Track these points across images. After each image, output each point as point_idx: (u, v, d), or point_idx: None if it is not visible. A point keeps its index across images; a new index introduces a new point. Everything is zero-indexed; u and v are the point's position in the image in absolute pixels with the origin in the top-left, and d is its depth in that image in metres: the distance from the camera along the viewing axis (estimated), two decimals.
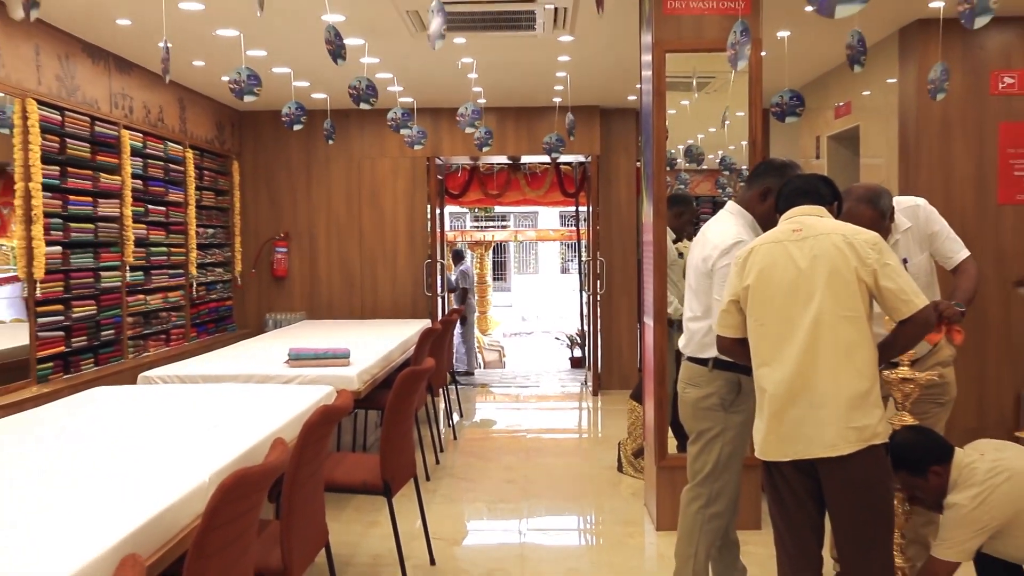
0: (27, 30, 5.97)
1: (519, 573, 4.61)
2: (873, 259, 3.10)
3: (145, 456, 3.29)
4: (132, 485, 2.85)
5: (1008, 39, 6.56)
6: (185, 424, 3.90)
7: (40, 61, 6.14)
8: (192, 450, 3.35)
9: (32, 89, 6.01)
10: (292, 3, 5.75)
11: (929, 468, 3.44)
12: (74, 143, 6.54)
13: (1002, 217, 6.60)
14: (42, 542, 2.30)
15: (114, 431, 3.76)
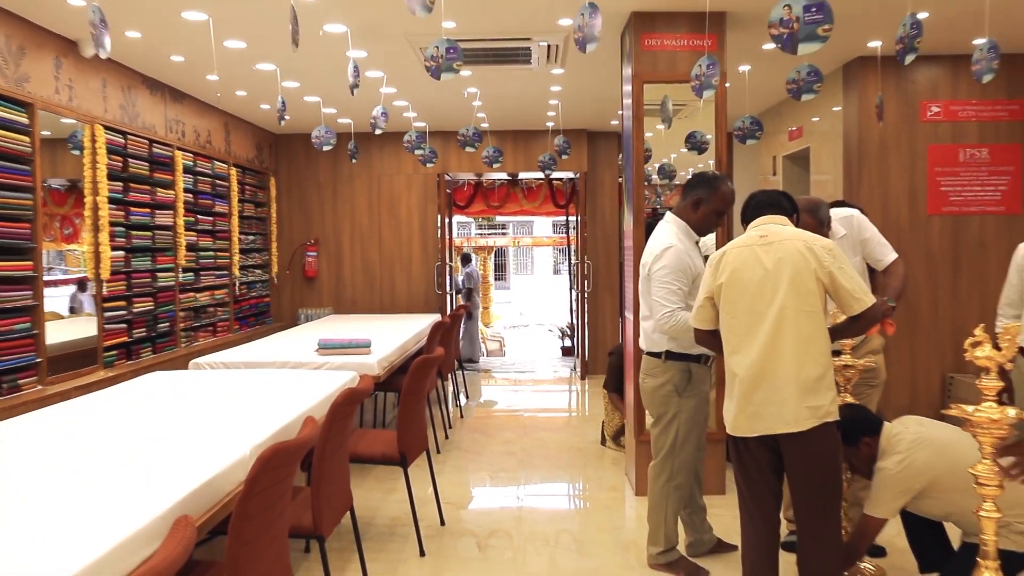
0: (96, 66, 6.04)
1: (517, 532, 4.63)
2: (829, 263, 3.14)
3: (195, 431, 3.32)
4: (184, 457, 2.87)
5: (935, 74, 6.62)
6: (229, 404, 3.92)
7: (106, 92, 6.20)
8: (235, 426, 3.37)
9: (100, 116, 6.07)
10: (321, 41, 5.80)
11: (861, 439, 3.50)
12: (135, 162, 6.59)
13: (931, 226, 6.65)
14: (107, 504, 2.32)
15: (168, 410, 3.79)
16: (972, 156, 6.61)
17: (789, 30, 3.72)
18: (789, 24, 3.71)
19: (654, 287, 3.87)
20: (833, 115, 7.11)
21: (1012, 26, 5.69)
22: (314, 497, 3.18)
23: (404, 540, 4.51)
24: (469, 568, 4.14)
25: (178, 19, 5.33)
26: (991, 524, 2.65)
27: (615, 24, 5.61)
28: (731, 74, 6.71)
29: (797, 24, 3.70)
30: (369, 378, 4.24)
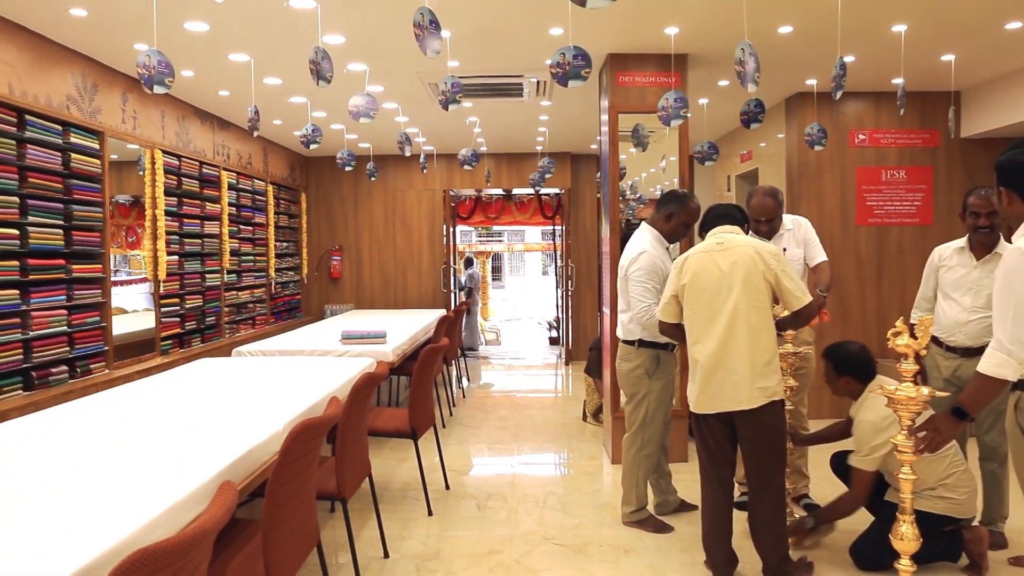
0: (155, 99, 6.04)
1: (511, 495, 4.64)
2: (775, 266, 3.18)
3: (236, 410, 3.31)
4: (227, 431, 2.86)
5: (861, 107, 6.63)
6: (266, 386, 3.91)
7: (164, 122, 6.19)
8: (271, 405, 3.36)
9: (158, 142, 6.07)
10: (346, 78, 5.80)
11: (847, 375, 3.52)
12: (188, 181, 6.59)
13: (859, 235, 6.66)
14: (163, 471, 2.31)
15: (214, 391, 3.78)
16: (892, 176, 6.63)
17: (743, 68, 3.75)
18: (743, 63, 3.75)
19: (631, 286, 3.89)
20: (778, 141, 7.13)
21: (922, 69, 5.71)
22: (338, 465, 3.19)
23: (415, 502, 4.51)
24: (470, 525, 4.14)
25: (225, 60, 5.33)
26: (908, 484, 2.66)
27: (594, 64, 5.60)
28: (692, 106, 6.72)
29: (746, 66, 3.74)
30: (384, 364, 4.26)
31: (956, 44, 5.24)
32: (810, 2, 4.35)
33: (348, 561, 3.48)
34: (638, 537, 3.90)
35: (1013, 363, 2.43)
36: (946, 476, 3.30)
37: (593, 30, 4.85)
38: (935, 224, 6.60)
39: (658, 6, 4.45)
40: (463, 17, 4.58)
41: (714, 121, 7.75)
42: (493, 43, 5.13)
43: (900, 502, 2.68)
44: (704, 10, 4.48)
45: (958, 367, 3.62)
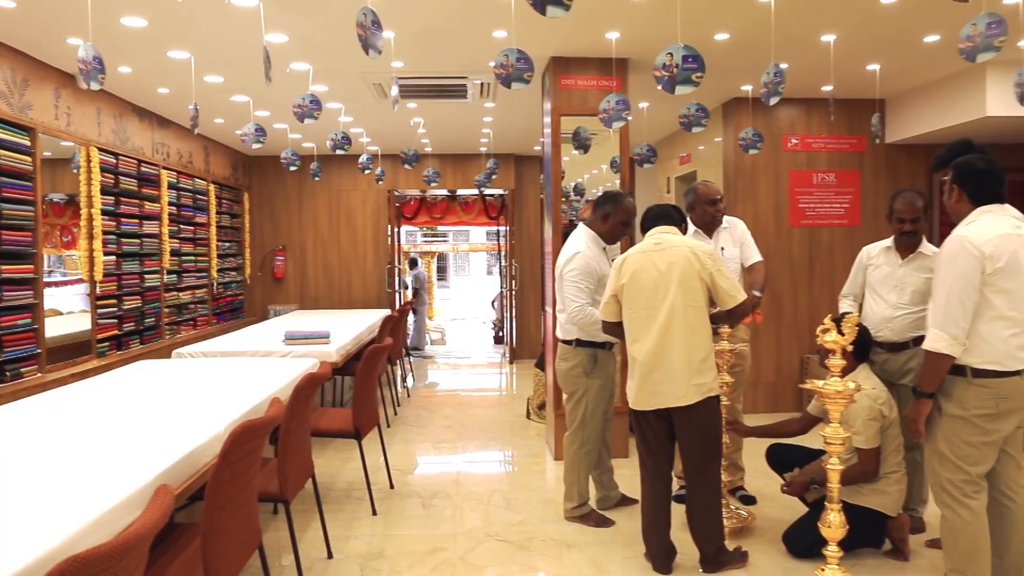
0: (91, 96, 5.82)
1: (456, 493, 4.62)
2: (710, 266, 3.24)
3: (176, 412, 3.21)
4: (166, 434, 2.77)
5: (793, 113, 6.81)
6: (207, 388, 3.81)
7: (100, 119, 5.97)
8: (212, 407, 3.28)
9: (94, 139, 5.85)
10: (289, 77, 5.70)
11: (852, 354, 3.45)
12: (125, 179, 6.37)
13: (792, 235, 6.84)
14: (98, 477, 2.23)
15: (153, 394, 3.67)
16: (823, 179, 6.83)
17: (669, 74, 3.81)
18: (670, 69, 3.80)
19: (565, 286, 3.92)
20: (715, 144, 7.26)
21: (850, 77, 5.89)
22: (280, 466, 3.13)
23: (359, 502, 4.46)
24: (415, 523, 4.11)
25: (164, 57, 5.17)
26: (835, 474, 2.73)
27: (537, 67, 5.63)
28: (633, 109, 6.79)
29: (676, 69, 3.80)
30: (328, 364, 4.20)
31: (880, 55, 5.43)
32: (745, 11, 4.44)
33: (291, 563, 3.42)
34: (580, 532, 3.93)
35: (946, 337, 2.65)
36: (890, 472, 3.40)
37: (536, 33, 4.87)
38: (862, 225, 6.81)
39: (599, 11, 4.49)
40: (407, 18, 4.54)
41: (654, 124, 7.86)
42: (437, 44, 5.11)
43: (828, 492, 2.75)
44: (644, 16, 4.53)
45: (885, 361, 3.74)
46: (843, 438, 2.72)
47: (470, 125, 7.99)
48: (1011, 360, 2.68)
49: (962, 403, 2.72)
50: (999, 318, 2.66)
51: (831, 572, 2.74)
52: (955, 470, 2.75)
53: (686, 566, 3.43)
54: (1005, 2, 4.30)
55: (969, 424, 2.72)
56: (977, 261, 2.63)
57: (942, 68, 5.80)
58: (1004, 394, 2.69)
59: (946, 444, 2.76)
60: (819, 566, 2.81)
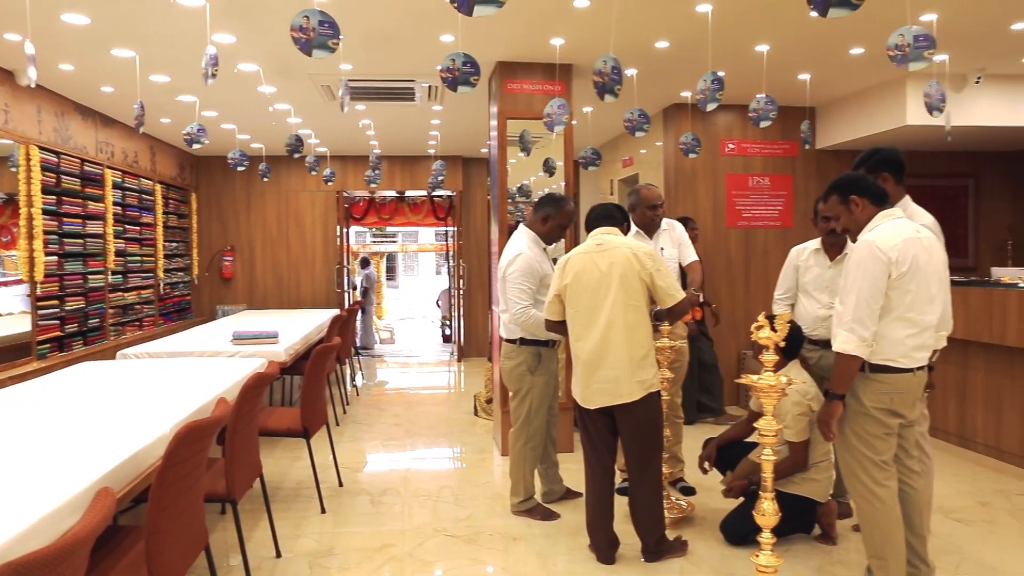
0: (31, 93, 5.59)
1: (405, 490, 4.58)
2: (650, 266, 3.27)
3: (120, 414, 3.11)
4: (109, 436, 2.69)
5: (730, 119, 6.94)
6: (153, 389, 3.70)
7: (41, 117, 5.74)
8: (157, 408, 3.19)
9: (34, 138, 5.61)
10: (237, 77, 5.58)
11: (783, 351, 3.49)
12: (68, 179, 6.15)
13: (729, 236, 6.97)
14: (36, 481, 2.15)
15: (96, 396, 3.54)
16: (758, 183, 6.98)
17: (602, 79, 3.87)
18: (603, 75, 3.86)
19: (508, 287, 3.92)
20: (656, 148, 7.36)
21: (783, 85, 6.04)
22: (227, 466, 3.05)
23: (308, 500, 4.38)
24: (364, 520, 4.07)
25: (108, 55, 5.01)
26: (769, 465, 2.80)
27: (484, 71, 5.61)
28: (577, 113, 6.84)
29: (606, 78, 3.86)
30: (276, 364, 4.12)
31: (810, 65, 5.58)
32: (683, 21, 4.51)
33: (239, 563, 3.34)
34: (526, 525, 3.93)
35: (855, 339, 2.71)
36: (818, 462, 3.49)
37: (483, 38, 4.86)
38: (795, 227, 6.99)
39: (544, 17, 4.50)
40: (356, 21, 4.49)
41: (598, 128, 7.92)
42: (385, 47, 5.06)
43: (762, 481, 2.81)
44: (587, 23, 4.57)
45: (820, 357, 3.84)
46: (776, 430, 2.78)
47: (418, 127, 7.94)
48: (906, 359, 2.76)
49: (860, 397, 2.80)
50: (899, 319, 2.74)
51: (765, 558, 2.80)
52: (864, 459, 2.83)
53: (629, 556, 3.46)
54: (922, 19, 4.47)
55: (869, 417, 2.80)
56: (884, 266, 2.70)
57: (867, 79, 5.99)
58: (899, 389, 2.77)
59: (853, 436, 2.84)
60: (754, 552, 2.87)
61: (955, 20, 4.55)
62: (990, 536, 3.73)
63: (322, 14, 3.18)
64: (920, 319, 2.76)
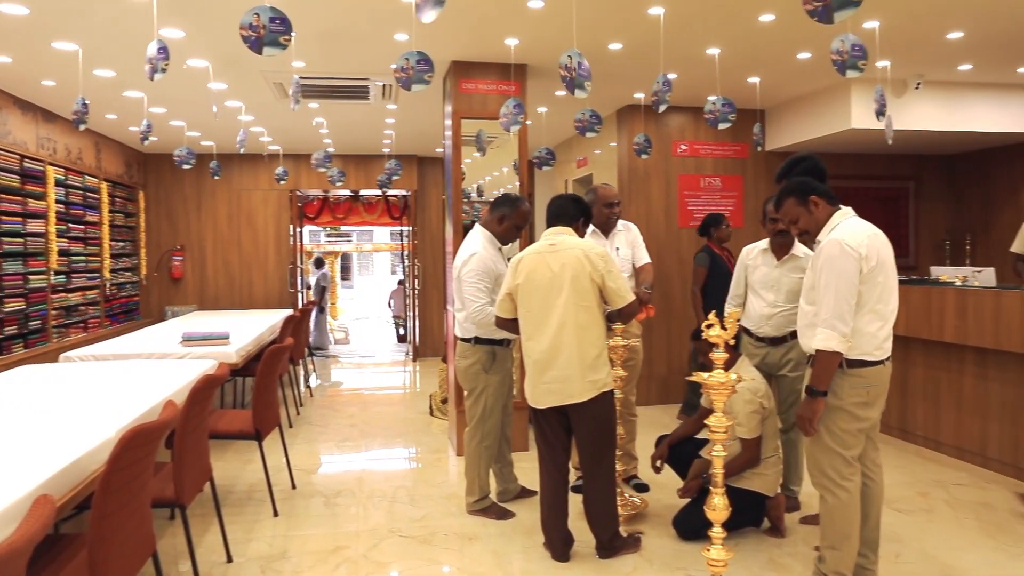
0: None
1: (360, 491, 4.52)
2: (602, 267, 3.28)
3: (63, 418, 3.01)
4: (50, 442, 2.60)
5: (683, 120, 7.04)
6: (97, 393, 3.59)
7: None
8: (102, 412, 3.09)
9: None
10: (186, 73, 5.44)
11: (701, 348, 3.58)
12: (6, 175, 5.92)
13: (681, 236, 7.06)
14: None
15: (37, 400, 3.42)
16: (709, 183, 7.09)
17: (571, 75, 3.88)
18: (571, 71, 3.87)
19: (464, 287, 3.91)
20: (610, 148, 7.42)
21: (734, 88, 6.15)
22: (175, 470, 2.98)
23: (260, 503, 4.30)
24: (318, 522, 4.01)
25: (49, 48, 4.84)
26: (719, 460, 2.84)
27: (438, 70, 5.60)
28: (532, 114, 6.86)
29: (574, 72, 3.87)
30: (226, 366, 4.03)
31: (760, 68, 5.68)
32: (636, 23, 4.56)
33: (189, 568, 3.26)
34: (482, 525, 3.92)
35: (838, 336, 2.77)
36: (766, 457, 3.55)
37: (437, 37, 4.83)
38: (745, 227, 7.11)
39: (499, 18, 4.50)
40: (308, 18, 4.42)
41: (553, 128, 7.95)
42: (339, 45, 4.99)
43: (712, 476, 2.85)
44: (541, 24, 4.57)
45: (766, 354, 3.92)
46: (726, 427, 2.82)
47: (373, 126, 7.87)
48: (879, 351, 2.86)
49: (838, 393, 2.86)
50: (870, 312, 2.83)
51: (716, 552, 2.84)
52: (834, 456, 2.89)
53: (583, 553, 3.48)
54: (865, 26, 4.59)
55: (845, 412, 2.87)
56: (856, 262, 2.78)
57: (814, 83, 6.13)
58: (873, 382, 2.86)
59: (826, 432, 2.90)
60: (705, 547, 2.91)
61: (896, 28, 4.68)
62: (928, 525, 3.85)
63: (273, 11, 3.12)
64: (886, 310, 2.86)
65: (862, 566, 3.09)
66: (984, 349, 4.67)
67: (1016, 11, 4.45)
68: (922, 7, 4.36)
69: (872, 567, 3.13)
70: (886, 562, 3.33)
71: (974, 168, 7.60)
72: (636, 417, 4.54)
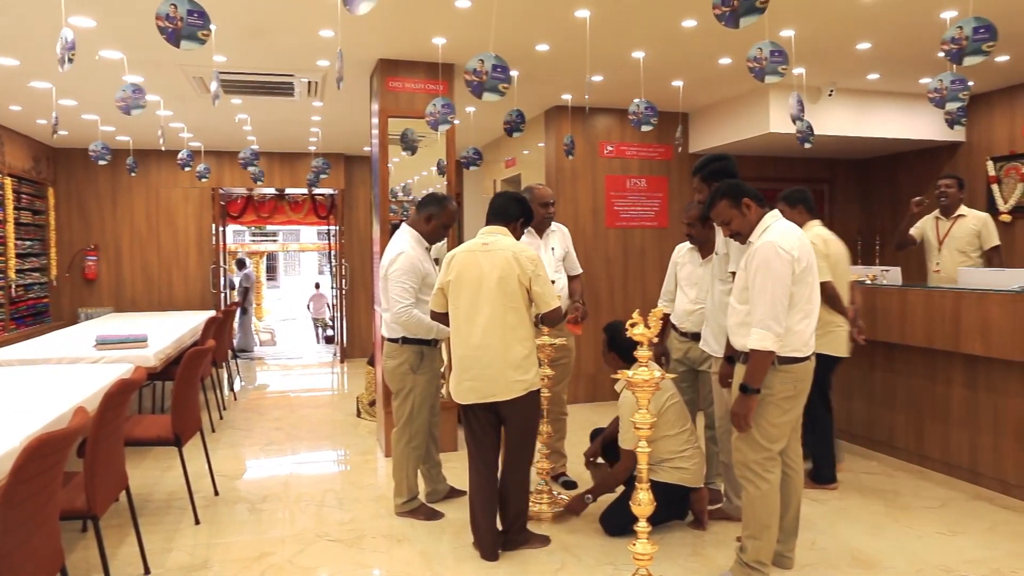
0: None
1: (286, 495, 4.42)
2: (530, 271, 3.33)
3: None
4: None
5: (609, 122, 7.15)
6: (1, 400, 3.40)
7: None
8: (6, 421, 2.93)
9: None
10: (99, 65, 5.21)
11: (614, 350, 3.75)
12: None
13: (608, 236, 7.18)
14: None
15: None
16: (635, 185, 7.22)
17: (479, 79, 3.90)
18: (480, 75, 3.89)
19: (391, 286, 3.88)
20: (538, 149, 7.47)
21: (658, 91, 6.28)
22: (87, 480, 2.85)
23: (181, 511, 4.16)
24: (242, 530, 3.90)
25: None
26: (644, 456, 2.90)
27: (365, 67, 5.53)
28: (460, 113, 6.84)
29: (485, 76, 3.89)
30: (142, 369, 3.87)
31: (683, 72, 5.82)
32: (562, 25, 4.60)
33: None
34: (410, 526, 3.89)
35: (771, 336, 2.86)
36: (682, 450, 3.64)
37: (363, 34, 4.77)
38: (670, 227, 7.28)
39: (425, 16, 4.47)
40: (229, 11, 4.29)
41: (481, 128, 7.96)
42: (262, 40, 4.87)
43: (636, 472, 2.91)
44: (468, 24, 4.57)
45: (688, 349, 4.03)
46: (650, 423, 2.89)
47: (298, 124, 7.71)
48: (805, 347, 2.99)
49: (770, 388, 2.97)
50: (799, 311, 2.95)
51: (641, 546, 2.91)
52: (760, 449, 2.99)
53: (512, 553, 3.49)
54: (781, 34, 4.76)
55: (775, 406, 2.97)
56: (789, 265, 2.89)
57: (734, 88, 6.32)
58: (800, 377, 2.99)
59: (754, 426, 3.00)
60: (631, 541, 2.97)
61: (810, 37, 4.87)
62: (841, 512, 4.02)
63: (191, 3, 3.02)
64: (813, 308, 2.99)
65: (780, 553, 3.22)
66: (892, 344, 4.91)
67: (916, 25, 4.70)
68: (834, 18, 4.55)
69: (789, 554, 3.26)
70: (802, 549, 3.46)
71: (883, 172, 7.98)
72: (566, 415, 4.59)
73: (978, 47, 3.27)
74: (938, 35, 4.83)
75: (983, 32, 3.26)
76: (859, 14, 4.49)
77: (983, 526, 3.81)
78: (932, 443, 4.71)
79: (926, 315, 4.53)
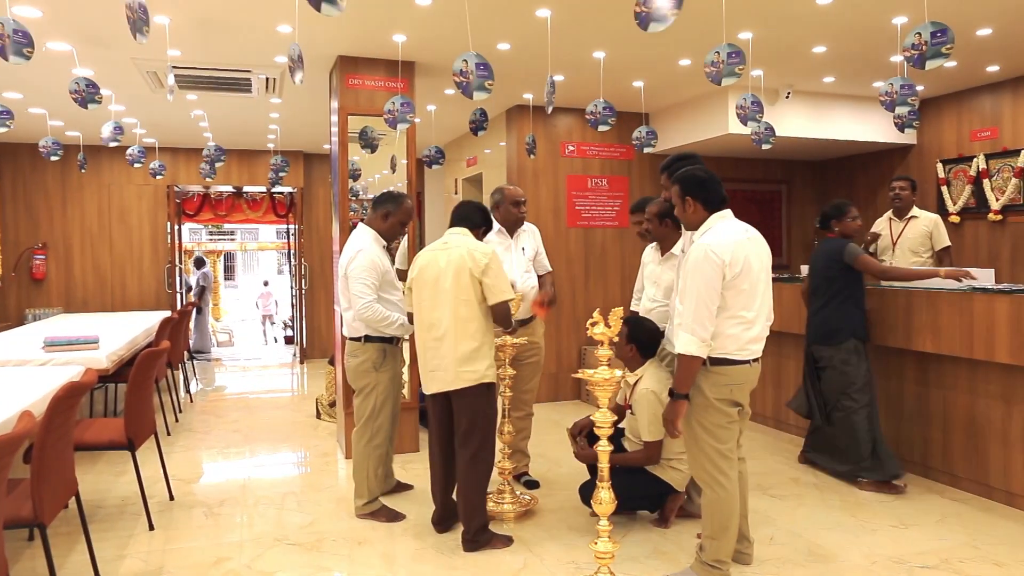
0: None
1: (244, 499, 4.35)
2: (483, 263, 3.44)
3: None
4: None
5: (570, 122, 7.18)
6: None
7: None
8: None
9: None
10: (46, 57, 5.06)
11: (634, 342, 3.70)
12: None
13: (570, 236, 7.20)
14: None
15: None
16: (596, 184, 7.27)
17: (466, 80, 3.88)
18: (466, 75, 3.88)
19: (352, 283, 3.86)
20: (500, 148, 7.47)
21: (619, 91, 6.33)
22: (34, 487, 2.74)
23: (135, 517, 4.06)
24: (199, 534, 3.82)
25: None
26: (605, 455, 2.91)
27: (324, 64, 5.47)
28: (421, 112, 6.81)
29: (472, 76, 3.88)
30: (93, 372, 3.76)
31: (643, 73, 5.87)
32: (524, 24, 4.60)
33: None
34: (371, 528, 3.86)
35: (696, 340, 2.85)
36: (681, 452, 3.63)
37: (322, 31, 4.71)
38: (631, 227, 7.31)
39: (385, 13, 4.44)
40: (185, 4, 4.20)
41: (442, 127, 7.93)
42: (218, 35, 4.78)
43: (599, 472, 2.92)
44: (429, 22, 4.55)
45: None
46: (611, 422, 2.91)
47: (256, 121, 7.59)
48: (743, 352, 2.96)
49: (703, 391, 2.97)
50: (733, 317, 2.92)
51: (603, 545, 2.92)
52: (711, 450, 3.00)
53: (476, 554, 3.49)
54: (740, 36, 4.83)
55: (713, 408, 2.98)
56: (719, 268, 2.86)
57: (694, 89, 6.39)
58: (737, 380, 2.98)
59: (699, 428, 3.01)
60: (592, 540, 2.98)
61: (767, 39, 4.95)
62: (799, 507, 4.10)
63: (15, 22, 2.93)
64: (751, 316, 2.94)
65: (739, 551, 3.26)
66: None
67: (870, 30, 4.81)
68: (790, 21, 4.63)
69: (748, 551, 3.31)
70: (760, 545, 3.52)
71: (839, 173, 8.15)
72: (532, 415, 4.59)
73: (938, 50, 3.36)
74: (890, 40, 4.96)
75: (940, 36, 3.36)
76: (815, 18, 4.58)
77: (934, 519, 3.92)
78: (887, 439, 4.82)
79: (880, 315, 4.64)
